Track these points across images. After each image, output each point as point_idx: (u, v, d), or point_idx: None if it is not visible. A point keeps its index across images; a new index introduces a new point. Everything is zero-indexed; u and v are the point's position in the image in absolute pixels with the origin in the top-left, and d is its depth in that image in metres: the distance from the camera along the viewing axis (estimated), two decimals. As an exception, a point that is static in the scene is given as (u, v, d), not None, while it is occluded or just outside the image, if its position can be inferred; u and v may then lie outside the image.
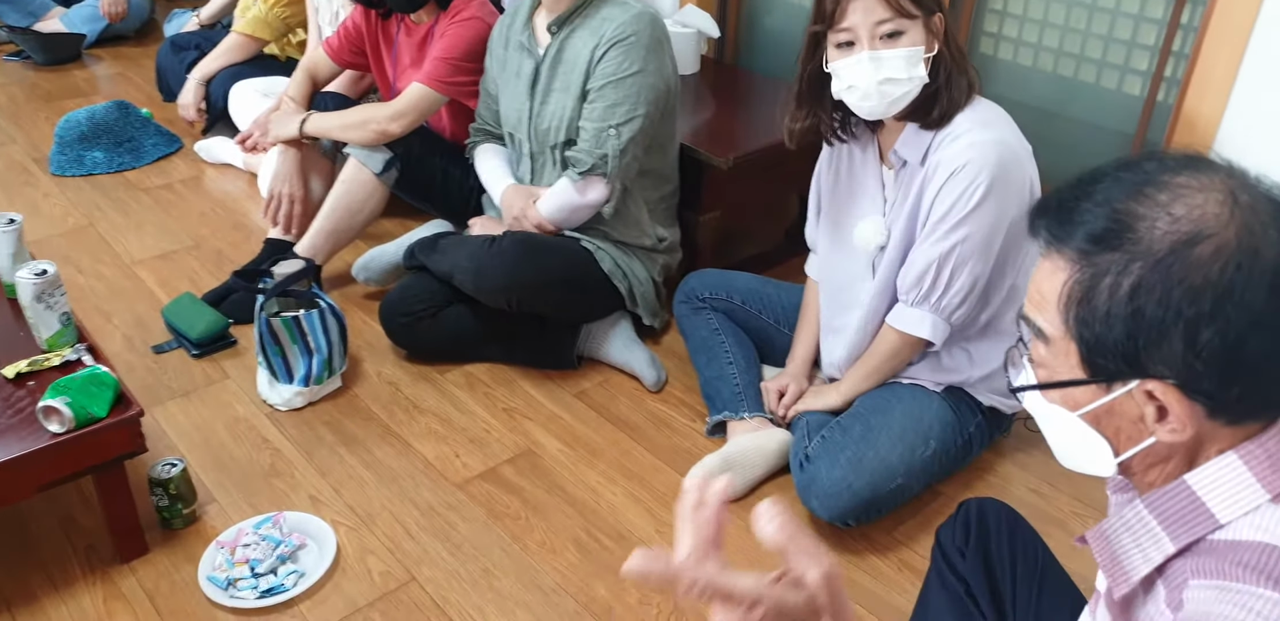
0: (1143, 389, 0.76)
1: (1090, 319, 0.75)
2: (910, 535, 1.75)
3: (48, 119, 3.35)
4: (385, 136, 2.33)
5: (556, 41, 2.05)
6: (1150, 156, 0.78)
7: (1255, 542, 0.74)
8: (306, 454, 1.94)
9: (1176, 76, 2.06)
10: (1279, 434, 0.77)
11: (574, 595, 1.63)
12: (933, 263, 1.63)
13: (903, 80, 1.54)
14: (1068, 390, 0.81)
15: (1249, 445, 0.77)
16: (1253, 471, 0.76)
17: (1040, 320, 0.80)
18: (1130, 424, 0.79)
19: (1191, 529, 0.78)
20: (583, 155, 2.02)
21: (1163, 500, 0.80)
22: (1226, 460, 0.77)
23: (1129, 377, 0.76)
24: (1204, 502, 0.78)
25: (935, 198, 1.60)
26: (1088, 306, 0.75)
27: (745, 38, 3.00)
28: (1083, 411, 0.81)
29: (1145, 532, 0.81)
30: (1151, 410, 0.77)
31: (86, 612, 1.60)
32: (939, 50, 1.56)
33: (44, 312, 1.64)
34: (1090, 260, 0.75)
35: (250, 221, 2.78)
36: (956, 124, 1.59)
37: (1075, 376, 0.80)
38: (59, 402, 1.48)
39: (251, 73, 3.09)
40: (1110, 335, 0.75)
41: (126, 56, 3.95)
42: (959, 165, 1.56)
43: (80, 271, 2.53)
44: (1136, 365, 0.75)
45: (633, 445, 1.97)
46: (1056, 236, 0.78)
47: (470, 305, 2.14)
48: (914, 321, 1.70)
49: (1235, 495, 0.77)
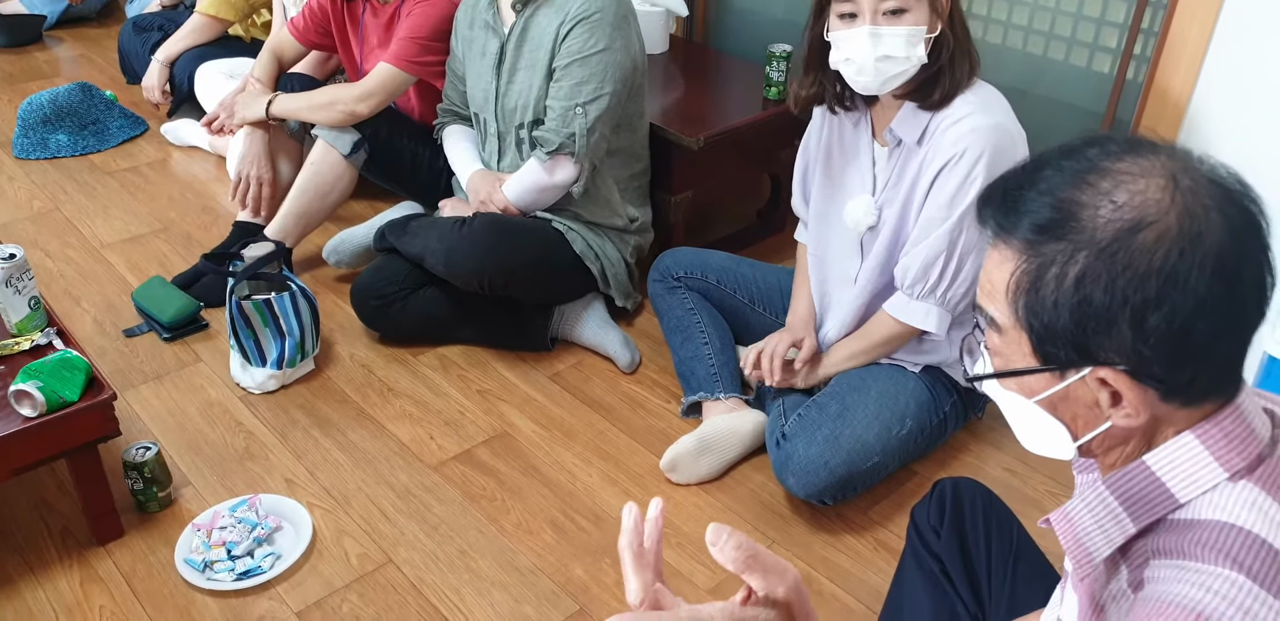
0: (1095, 376, 0.76)
1: (1038, 308, 0.76)
2: (886, 514, 1.77)
3: (10, 101, 3.29)
4: (353, 117, 2.31)
5: (521, 20, 2.04)
6: (1092, 141, 0.78)
7: (1214, 521, 0.75)
8: (281, 436, 1.93)
9: (1146, 54, 2.08)
10: (1233, 413, 0.78)
11: (551, 575, 1.64)
12: (939, 255, 1.62)
13: (900, 59, 1.53)
14: (1023, 378, 0.82)
15: (1205, 425, 0.78)
16: (1210, 451, 0.77)
17: (992, 309, 0.81)
18: (1086, 409, 0.80)
19: (1152, 509, 0.79)
20: (550, 134, 2.01)
21: (1123, 481, 0.81)
22: (1183, 440, 0.78)
23: (1080, 365, 0.77)
24: (1163, 483, 0.79)
25: (933, 185, 1.60)
26: (1035, 296, 0.76)
27: (714, 17, 2.99)
28: (1038, 398, 0.82)
29: (1107, 513, 0.81)
30: (1105, 396, 0.78)
31: (64, 595, 1.59)
32: (942, 31, 1.55)
33: (12, 297, 1.62)
34: (1036, 250, 0.75)
35: (218, 204, 2.75)
36: (956, 106, 1.58)
37: (1028, 365, 0.81)
38: (30, 387, 1.47)
39: (216, 54, 3.04)
40: (1058, 324, 0.75)
41: (88, 38, 3.88)
42: (958, 151, 1.55)
43: (48, 255, 2.49)
44: (1086, 353, 0.76)
45: (608, 426, 1.98)
46: (1003, 226, 0.78)
47: (442, 287, 2.14)
48: (919, 314, 1.69)
49: (1194, 475, 0.78)
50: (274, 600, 1.59)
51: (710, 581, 1.63)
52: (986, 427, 1.96)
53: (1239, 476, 0.76)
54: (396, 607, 1.58)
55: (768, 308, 2.05)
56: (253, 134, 2.46)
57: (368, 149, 2.36)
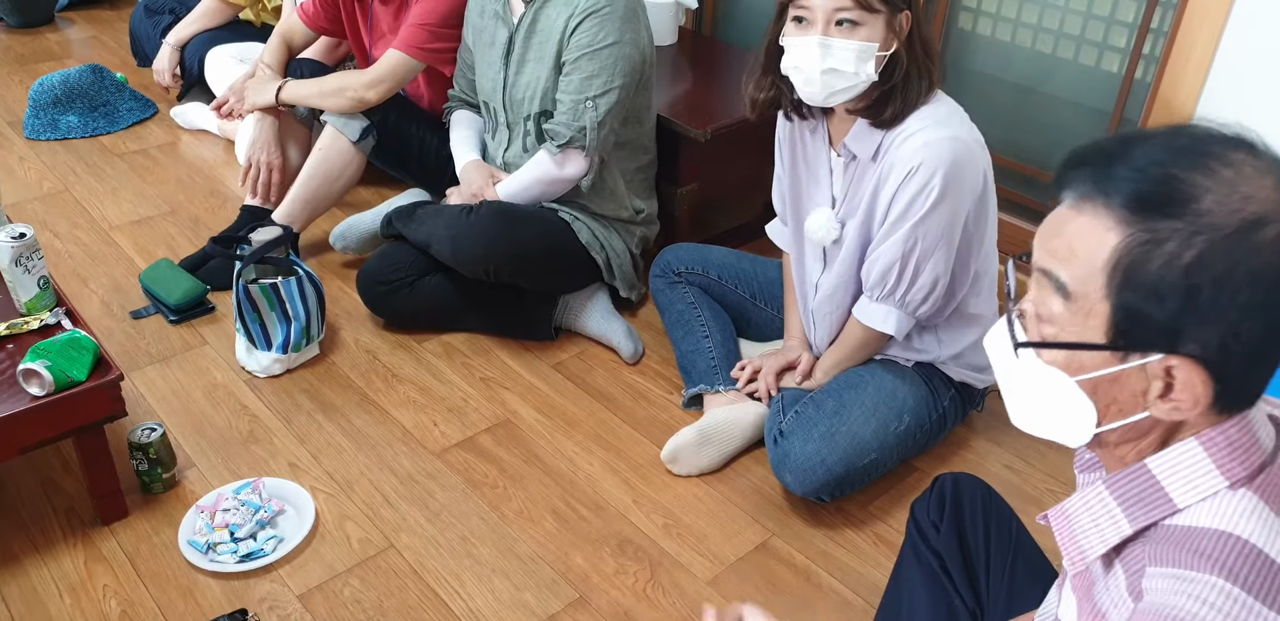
0: (1165, 363, 0.74)
1: (1139, 286, 0.72)
2: (885, 509, 1.78)
3: (21, 82, 3.30)
4: (362, 104, 2.31)
5: (530, 11, 2.04)
6: (1208, 130, 0.76)
7: (1211, 530, 0.75)
8: (285, 420, 1.94)
9: (1155, 54, 2.07)
10: (1239, 422, 0.77)
11: (551, 563, 1.65)
12: (895, 261, 1.63)
13: (848, 73, 1.51)
14: (1078, 352, 0.78)
15: (1210, 432, 0.77)
16: (1212, 458, 0.77)
17: (1064, 274, 0.76)
18: (1129, 396, 0.78)
19: (1149, 511, 0.79)
20: (560, 128, 2.01)
21: (1123, 482, 0.81)
22: (1187, 446, 0.78)
23: (1157, 350, 0.74)
24: (1163, 486, 0.78)
25: (892, 197, 1.59)
26: (1139, 273, 0.72)
27: (724, 9, 2.99)
28: (1085, 377, 0.78)
29: (1104, 513, 0.81)
30: (1159, 385, 0.75)
31: (68, 574, 1.61)
32: (897, 50, 1.53)
33: (22, 276, 1.63)
34: (1147, 224, 0.72)
35: (226, 188, 2.76)
36: (909, 122, 1.57)
37: (1090, 339, 0.76)
38: (39, 366, 1.48)
39: (226, 38, 3.05)
40: (1156, 306, 0.72)
41: (100, 20, 3.88)
42: (914, 165, 1.54)
43: (57, 236, 2.50)
44: (1174, 338, 0.72)
45: (609, 416, 1.99)
46: (1100, 188, 0.74)
47: (447, 274, 2.14)
48: (879, 317, 1.71)
49: (1193, 481, 0.77)
50: (276, 582, 1.61)
51: (709, 572, 1.65)
52: (986, 424, 1.97)
53: (1239, 484, 0.76)
54: (397, 592, 1.59)
55: (769, 302, 2.06)
56: (263, 120, 2.47)
57: (376, 135, 2.37)
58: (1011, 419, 0.90)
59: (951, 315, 1.76)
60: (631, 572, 1.64)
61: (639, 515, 1.75)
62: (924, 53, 1.56)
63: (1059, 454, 1.90)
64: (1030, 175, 2.39)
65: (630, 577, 1.63)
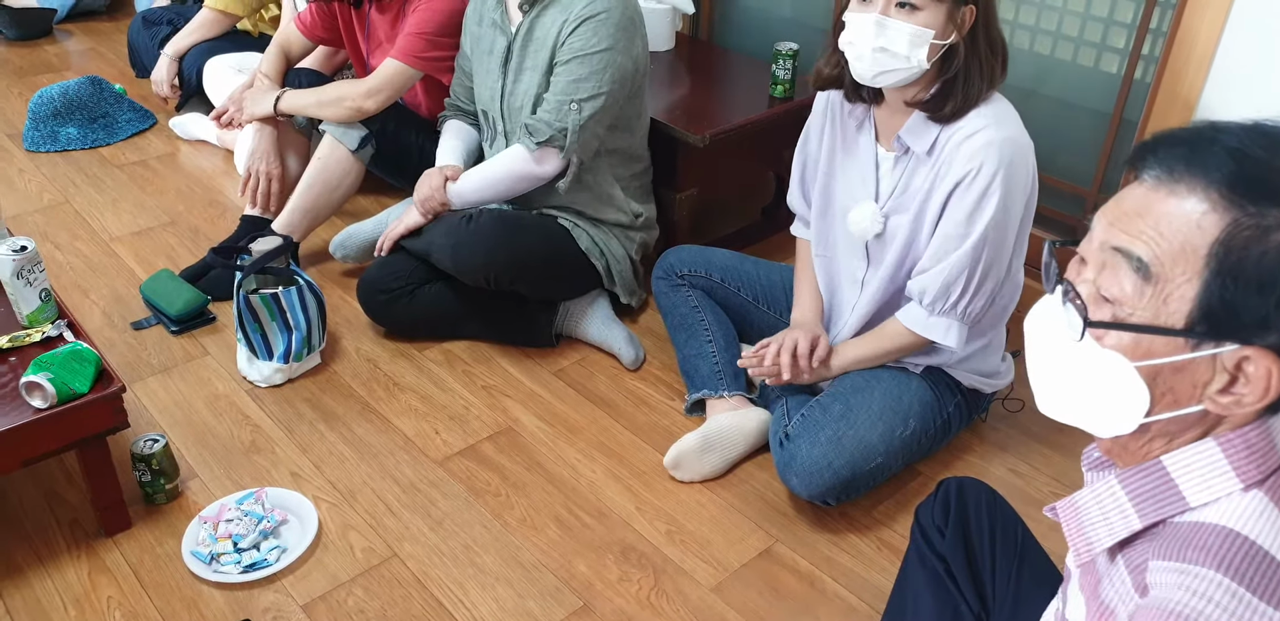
0: (1239, 355, 0.72)
1: (1239, 272, 0.70)
2: (890, 514, 1.77)
3: (20, 94, 3.30)
4: (360, 113, 2.31)
5: (527, 20, 2.04)
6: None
7: (1217, 526, 0.75)
8: (287, 430, 1.94)
9: (1155, 54, 2.07)
10: (1259, 426, 0.77)
11: (554, 571, 1.65)
12: (961, 274, 1.60)
13: (900, 55, 1.51)
14: (1143, 337, 0.75)
15: (1229, 434, 0.77)
16: (1229, 459, 0.76)
17: (1146, 254, 0.74)
18: (1189, 387, 0.76)
19: (1160, 508, 0.79)
20: (541, 125, 2.00)
21: (1136, 478, 0.80)
22: (1204, 446, 0.77)
23: (1236, 341, 0.72)
24: (1176, 484, 0.78)
25: (947, 197, 1.58)
26: (1241, 259, 0.70)
27: (720, 14, 2.99)
28: (1148, 363, 0.75)
29: (1115, 507, 0.81)
30: (1224, 378, 0.74)
31: (72, 586, 1.61)
32: (957, 42, 1.53)
33: (24, 289, 1.64)
34: (1251, 209, 0.70)
35: (226, 198, 2.76)
36: (969, 119, 1.56)
37: (1166, 323, 0.74)
38: (41, 378, 1.48)
39: (225, 48, 3.05)
40: (1255, 295, 0.70)
41: (98, 32, 3.90)
42: (974, 167, 1.53)
43: (58, 248, 2.51)
44: (1259, 329, 0.71)
45: (611, 423, 1.99)
46: (1199, 168, 0.72)
47: (448, 283, 2.14)
48: (939, 330, 1.67)
49: (1208, 481, 0.77)
50: (279, 593, 1.60)
51: (713, 579, 1.64)
52: (990, 428, 1.97)
53: (1252, 486, 0.76)
54: (401, 601, 1.59)
55: (771, 305, 2.06)
56: (262, 130, 2.47)
57: (375, 144, 2.37)
58: (1040, 404, 0.87)
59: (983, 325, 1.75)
60: (635, 580, 1.64)
61: (642, 522, 1.75)
62: (988, 49, 1.56)
63: (1064, 458, 1.89)
64: (1029, 177, 2.39)
65: (634, 585, 1.63)
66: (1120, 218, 0.76)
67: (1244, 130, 0.73)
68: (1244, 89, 1.89)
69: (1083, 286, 0.78)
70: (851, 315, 1.82)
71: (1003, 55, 1.59)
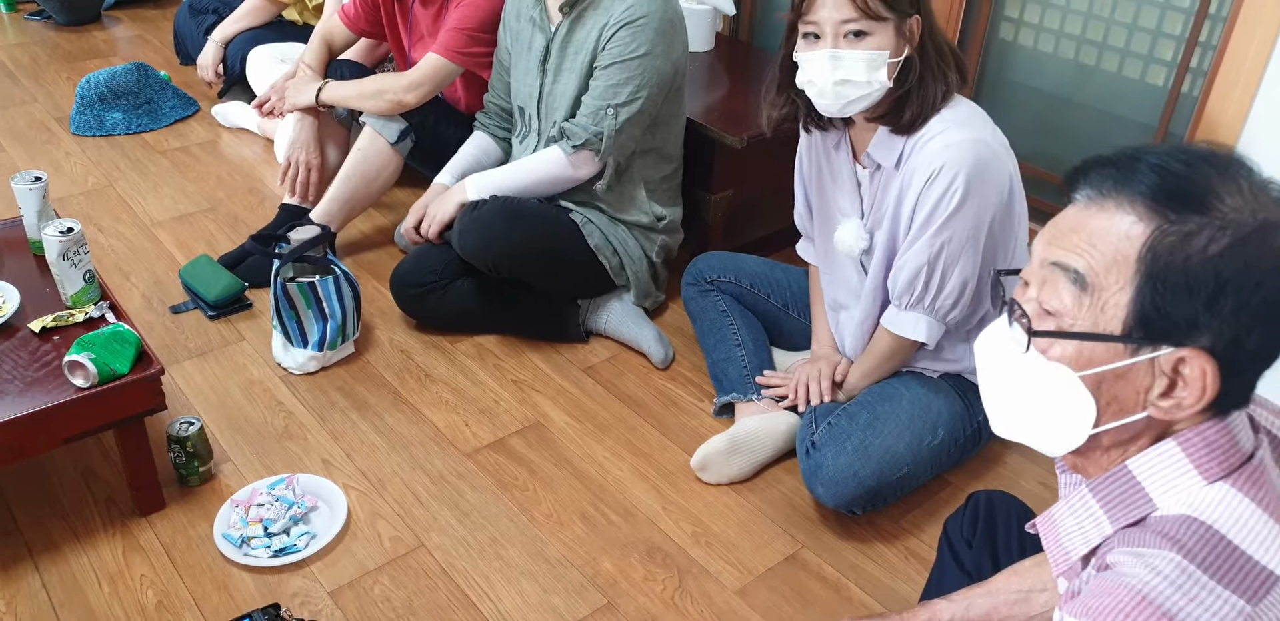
0: (1175, 357, 0.76)
1: (1166, 277, 0.74)
2: (918, 524, 1.77)
3: (69, 79, 3.35)
4: (401, 106, 2.33)
5: (567, 21, 2.05)
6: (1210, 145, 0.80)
7: (1177, 516, 0.78)
8: (319, 418, 1.96)
9: (1203, 68, 2.05)
10: (1215, 424, 0.80)
11: (579, 568, 1.66)
12: (921, 267, 1.61)
13: (861, 83, 1.51)
14: (1085, 346, 0.79)
15: (1188, 433, 0.80)
16: (1190, 458, 0.79)
17: (1082, 266, 0.78)
18: (1132, 393, 0.79)
19: (1129, 511, 0.81)
20: (578, 129, 2.02)
21: (1105, 484, 0.83)
22: (1165, 446, 0.80)
23: (1172, 342, 0.75)
24: (1142, 486, 0.81)
25: (916, 202, 1.58)
26: (1167, 264, 0.74)
27: (761, 16, 2.99)
28: (1092, 371, 0.79)
29: (1088, 516, 0.84)
30: (1163, 383, 0.77)
31: (106, 563, 1.63)
32: (910, 54, 1.53)
33: (69, 270, 1.66)
34: (1174, 217, 0.74)
35: (265, 186, 2.79)
36: (930, 126, 1.56)
37: (1103, 331, 0.78)
38: (84, 358, 1.50)
39: (269, 37, 3.09)
40: (1184, 297, 0.74)
41: (145, 18, 3.94)
42: (936, 168, 1.53)
43: (101, 230, 2.54)
44: (1190, 331, 0.75)
45: (640, 422, 1.99)
46: (1126, 183, 0.77)
47: (479, 278, 2.16)
48: (909, 324, 1.69)
49: (1172, 480, 0.80)
50: (308, 578, 1.62)
51: (738, 582, 1.64)
52: (1020, 438, 1.95)
53: (1215, 480, 0.79)
54: (427, 592, 1.60)
55: (801, 312, 2.05)
56: (303, 120, 2.49)
57: (414, 137, 2.39)
58: (994, 426, 0.92)
59: (983, 322, 1.75)
60: (660, 580, 1.64)
61: (668, 522, 1.75)
62: (937, 55, 1.56)
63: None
64: (1070, 188, 2.37)
65: (659, 585, 1.63)
66: (1057, 236, 0.81)
67: (1166, 149, 0.79)
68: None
69: (1027, 304, 0.83)
70: (858, 332, 1.83)
71: (955, 59, 1.59)
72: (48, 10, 3.82)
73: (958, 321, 1.70)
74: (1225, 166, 0.77)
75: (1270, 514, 0.76)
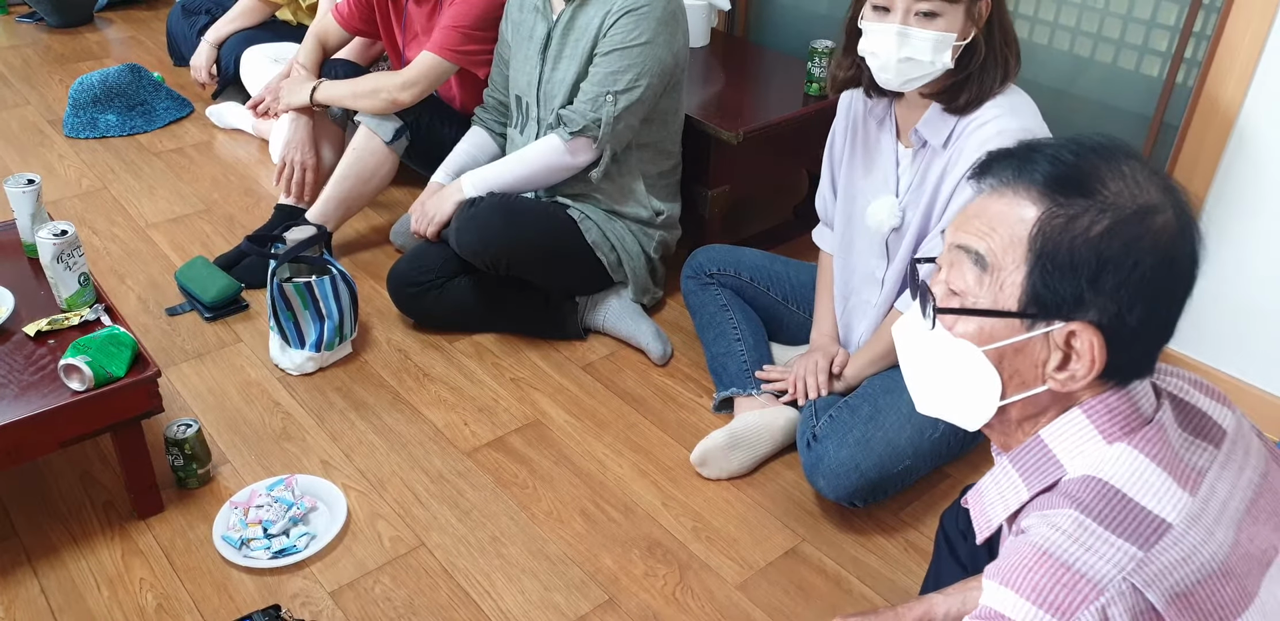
0: (1067, 330, 0.82)
1: (1055, 254, 0.81)
2: (917, 516, 1.77)
3: (61, 81, 3.34)
4: (396, 105, 2.33)
5: (570, 8, 2.04)
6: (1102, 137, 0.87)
7: (1081, 476, 0.84)
8: (318, 418, 1.96)
9: (1197, 58, 2.05)
10: (1117, 391, 0.86)
11: (580, 564, 1.66)
12: None
13: (925, 63, 1.52)
14: (985, 323, 0.86)
15: (1091, 401, 0.86)
16: (1093, 422, 0.86)
17: (982, 247, 0.85)
18: (1030, 367, 0.86)
19: (1043, 477, 0.87)
20: (576, 116, 2.01)
21: (1021, 454, 0.90)
22: (1071, 415, 0.87)
23: (1062, 317, 0.82)
24: (1053, 452, 0.87)
25: (956, 188, 1.58)
26: (1056, 243, 0.81)
27: (756, 12, 2.98)
28: (993, 346, 0.85)
29: (1009, 484, 0.90)
30: (1058, 356, 0.84)
31: (105, 566, 1.63)
32: (975, 38, 1.53)
33: (64, 273, 1.66)
34: (1061, 201, 0.81)
35: (261, 187, 2.78)
36: (984, 110, 1.56)
37: (1002, 307, 0.84)
38: (80, 361, 1.50)
39: (263, 37, 3.08)
40: (1069, 274, 0.81)
41: (137, 20, 3.94)
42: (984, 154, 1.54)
43: (95, 233, 2.54)
44: (1077, 306, 0.81)
45: (639, 418, 1.99)
46: (1023, 172, 0.84)
47: (475, 277, 2.15)
48: None
49: (1078, 445, 0.86)
50: (308, 579, 1.62)
51: (739, 577, 1.64)
52: (1020, 431, 1.95)
53: (1115, 441, 0.85)
54: (428, 591, 1.60)
55: (801, 305, 2.05)
56: (297, 120, 2.49)
57: (409, 136, 2.38)
58: (917, 404, 0.98)
59: None
60: (661, 575, 1.64)
61: (668, 518, 1.75)
62: (1003, 40, 1.56)
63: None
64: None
65: (659, 580, 1.63)
66: (963, 221, 0.88)
67: (1061, 141, 0.86)
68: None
69: (936, 287, 0.90)
70: (873, 311, 1.81)
71: (1015, 46, 1.59)
72: (39, 12, 3.81)
73: None
74: (1111, 155, 0.83)
75: (1164, 468, 0.83)
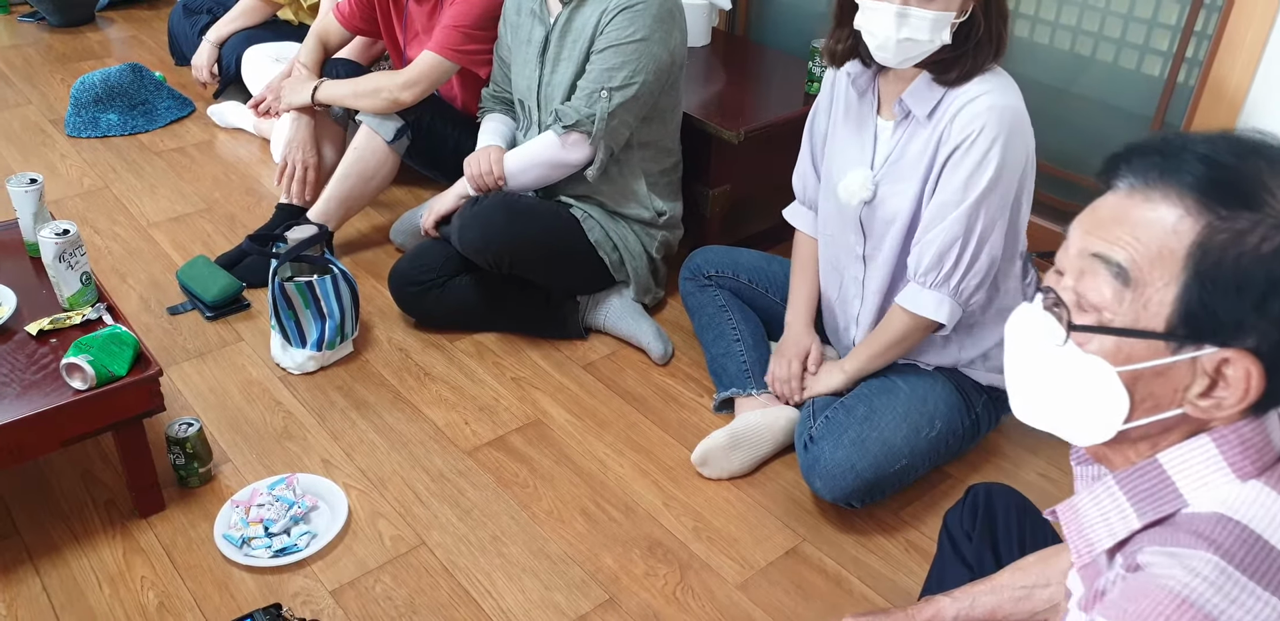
0: (1219, 357, 0.74)
1: (1216, 275, 0.72)
2: (917, 516, 1.77)
3: (63, 81, 3.35)
4: (397, 105, 2.33)
5: (566, 11, 2.04)
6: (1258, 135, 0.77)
7: (1212, 514, 0.75)
8: (319, 417, 1.96)
9: (1198, 57, 2.05)
10: (1251, 422, 0.78)
11: (581, 564, 1.66)
12: (954, 241, 1.58)
13: (923, 42, 1.50)
14: (1124, 342, 0.76)
15: (1223, 430, 0.78)
16: (1224, 454, 0.77)
17: (1124, 259, 0.75)
18: (1169, 391, 0.77)
19: (1158, 506, 0.79)
20: (570, 111, 2.01)
21: (1133, 478, 0.81)
22: (1199, 442, 0.78)
23: (1217, 342, 0.73)
24: (1173, 482, 0.79)
25: (946, 162, 1.56)
26: (1218, 262, 0.72)
27: (757, 11, 2.98)
28: (1130, 367, 0.77)
29: (1114, 507, 0.82)
30: (1204, 382, 0.75)
31: (107, 565, 1.63)
32: (973, 14, 1.51)
33: (65, 272, 1.66)
34: (1224, 213, 0.72)
35: (262, 186, 2.79)
36: (973, 84, 1.55)
37: (1146, 327, 0.75)
38: (81, 360, 1.50)
39: (264, 37, 3.08)
40: (1233, 297, 0.72)
41: (139, 19, 3.94)
42: (975, 129, 1.52)
43: (97, 232, 2.54)
44: (1236, 331, 0.72)
45: (640, 418, 1.99)
46: (1171, 175, 0.74)
47: (476, 276, 2.15)
48: (931, 304, 1.65)
49: (1204, 476, 0.77)
50: (309, 578, 1.62)
51: (739, 576, 1.64)
52: (1020, 431, 1.95)
53: (1248, 478, 0.77)
54: (428, 589, 1.60)
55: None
56: (298, 119, 2.49)
57: (410, 136, 2.39)
58: (1017, 411, 0.89)
59: (985, 318, 1.74)
60: (661, 575, 1.64)
61: (669, 517, 1.75)
62: (998, 16, 1.54)
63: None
64: (1065, 179, 2.37)
65: (660, 580, 1.63)
66: (1097, 225, 0.78)
67: (1213, 138, 0.76)
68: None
69: (1064, 293, 0.80)
70: (865, 291, 1.79)
71: (1008, 21, 1.57)
72: (41, 12, 3.81)
73: (974, 308, 1.68)
74: (1276, 159, 0.74)
75: None
